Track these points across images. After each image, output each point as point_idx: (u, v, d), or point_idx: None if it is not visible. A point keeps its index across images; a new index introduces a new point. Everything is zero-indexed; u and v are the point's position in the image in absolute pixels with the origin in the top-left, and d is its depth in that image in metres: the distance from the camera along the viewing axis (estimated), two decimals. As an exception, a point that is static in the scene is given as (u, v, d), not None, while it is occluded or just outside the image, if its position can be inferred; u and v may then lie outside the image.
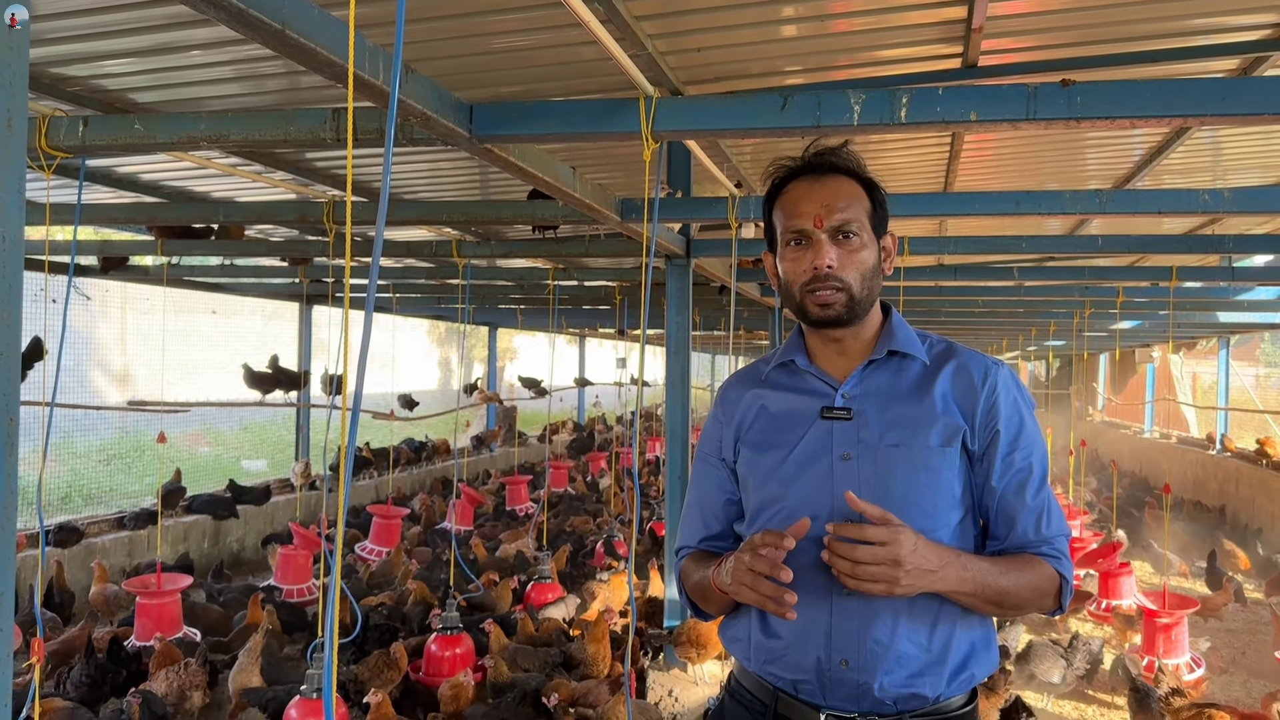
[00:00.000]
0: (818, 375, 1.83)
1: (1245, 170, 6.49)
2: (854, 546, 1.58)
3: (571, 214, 4.55)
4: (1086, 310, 9.13)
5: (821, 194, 1.74)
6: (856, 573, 1.58)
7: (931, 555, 1.61)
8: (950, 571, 1.63)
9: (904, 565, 1.56)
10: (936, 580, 1.61)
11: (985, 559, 1.71)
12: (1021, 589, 1.70)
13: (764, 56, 4.30)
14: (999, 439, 1.74)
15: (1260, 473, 11.51)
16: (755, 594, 1.61)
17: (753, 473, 1.83)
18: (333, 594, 1.44)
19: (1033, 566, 1.72)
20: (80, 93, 4.62)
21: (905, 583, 1.57)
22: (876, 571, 1.56)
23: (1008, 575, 1.69)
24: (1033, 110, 2.36)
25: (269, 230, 8.41)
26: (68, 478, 11.05)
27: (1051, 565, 1.73)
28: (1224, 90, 2.33)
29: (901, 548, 1.56)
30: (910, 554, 1.57)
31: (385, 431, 12.82)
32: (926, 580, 1.60)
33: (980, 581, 1.66)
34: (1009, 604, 1.72)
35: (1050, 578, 1.73)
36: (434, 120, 2.46)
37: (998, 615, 1.75)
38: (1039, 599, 1.74)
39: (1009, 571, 1.70)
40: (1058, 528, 1.75)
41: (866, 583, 1.58)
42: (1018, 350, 18.71)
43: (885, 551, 1.56)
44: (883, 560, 1.56)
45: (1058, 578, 1.73)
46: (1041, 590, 1.73)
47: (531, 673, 5.01)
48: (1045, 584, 1.73)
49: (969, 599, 1.67)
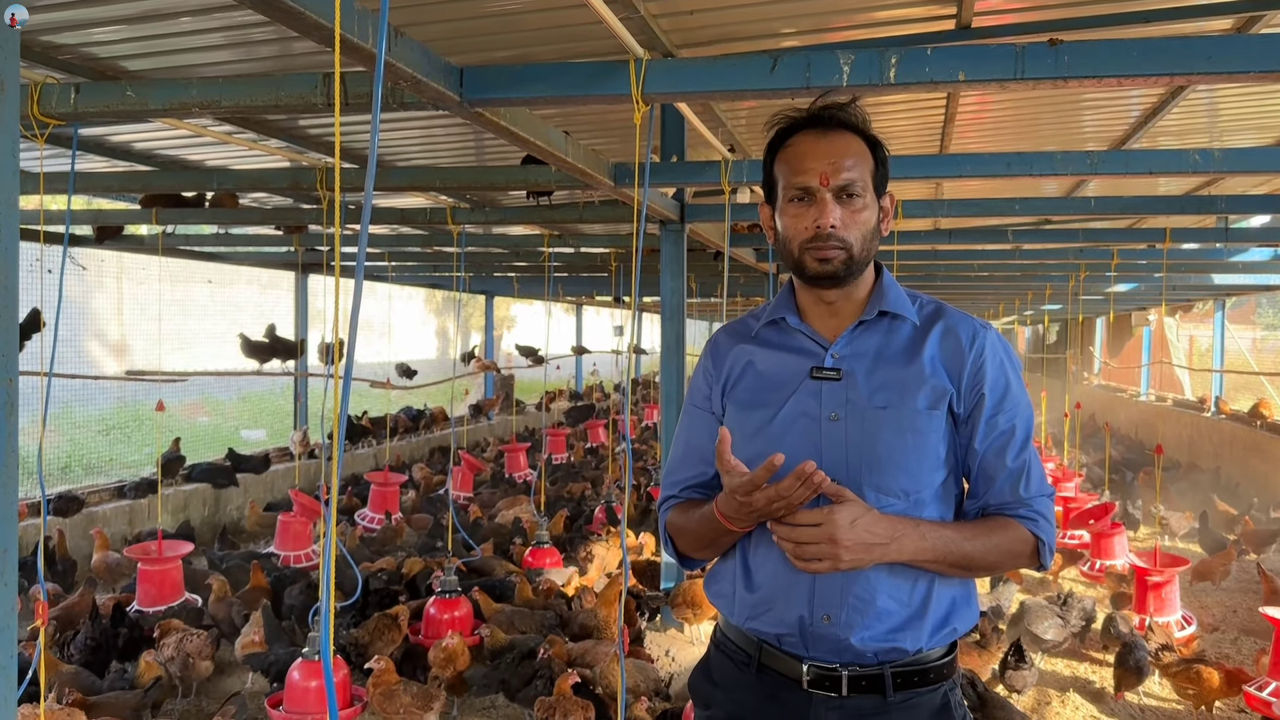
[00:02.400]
0: (808, 334, 1.83)
1: (1242, 131, 6.48)
2: (794, 529, 1.63)
3: (566, 179, 4.55)
4: (1082, 273, 9.13)
5: (829, 150, 1.73)
6: (799, 553, 1.64)
7: (878, 528, 1.64)
8: (906, 543, 1.66)
9: (841, 543, 1.61)
10: (890, 552, 1.65)
11: (950, 526, 1.74)
12: (989, 552, 1.74)
13: (759, 19, 4.28)
14: (984, 402, 1.76)
15: (1255, 434, 11.57)
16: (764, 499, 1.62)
17: (739, 429, 1.81)
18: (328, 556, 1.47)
19: (1004, 530, 1.75)
20: (71, 60, 4.61)
21: (847, 558, 1.62)
22: (816, 550, 1.62)
23: (974, 540, 1.72)
24: (1020, 70, 2.37)
25: (263, 199, 8.40)
26: (67, 448, 11.09)
27: (1027, 528, 1.76)
28: (1211, 49, 2.33)
29: (835, 528, 1.61)
30: (847, 531, 1.61)
31: (383, 400, 12.86)
32: (874, 553, 1.64)
33: (942, 550, 1.69)
34: (977, 567, 1.75)
35: (1024, 540, 1.76)
36: (424, 84, 2.46)
37: (967, 577, 1.78)
38: (1011, 560, 1.79)
39: (976, 536, 1.73)
40: (1037, 489, 1.77)
41: (811, 561, 1.63)
42: (1014, 314, 18.71)
43: (819, 531, 1.61)
44: (819, 539, 1.61)
45: (1032, 540, 1.76)
46: (1013, 553, 1.77)
47: (529, 634, 5.07)
48: (1018, 546, 1.76)
49: (933, 565, 1.71)
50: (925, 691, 1.75)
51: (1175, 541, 9.22)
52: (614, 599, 5.32)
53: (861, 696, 1.73)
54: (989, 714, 4.46)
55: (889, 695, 1.73)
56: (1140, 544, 8.61)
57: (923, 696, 1.75)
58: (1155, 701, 5.37)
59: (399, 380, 11.48)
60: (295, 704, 4.22)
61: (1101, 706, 5.36)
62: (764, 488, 1.61)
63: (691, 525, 1.86)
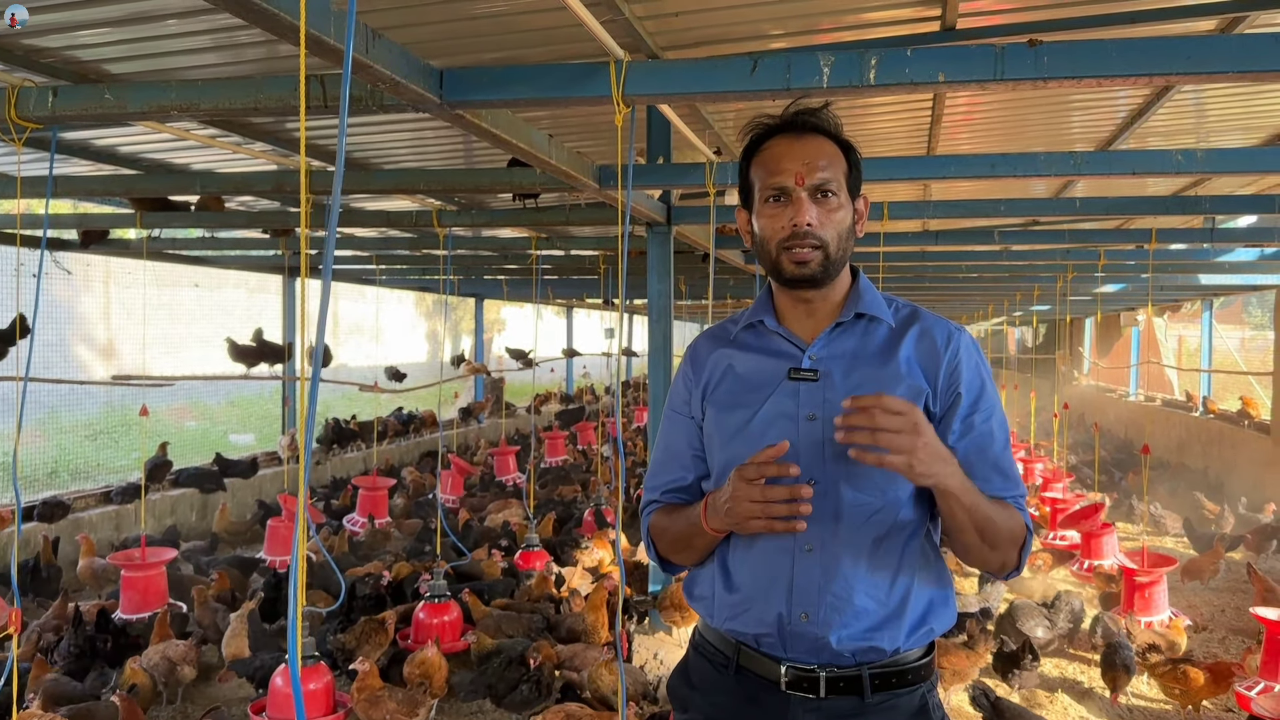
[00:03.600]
0: (786, 336, 1.85)
1: (1229, 131, 6.50)
2: (873, 413, 1.53)
3: (551, 181, 4.54)
4: (1069, 274, 9.16)
5: (803, 152, 1.75)
6: (878, 439, 1.53)
7: (943, 449, 1.61)
8: (958, 472, 1.63)
9: (923, 435, 1.54)
10: (948, 474, 1.60)
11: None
12: (1001, 524, 1.71)
13: (744, 20, 4.28)
14: (960, 401, 1.77)
15: (1242, 433, 11.61)
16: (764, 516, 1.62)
17: (719, 431, 1.85)
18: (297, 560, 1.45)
19: (1008, 509, 1.74)
20: (55, 64, 4.58)
21: (922, 456, 1.54)
22: (898, 440, 1.53)
23: (993, 507, 1.70)
24: (1000, 71, 2.37)
25: (250, 202, 8.37)
26: (54, 453, 11.02)
27: (1021, 516, 1.76)
28: (1190, 49, 2.34)
29: (919, 417, 1.56)
30: (927, 427, 1.57)
31: (373, 403, 12.84)
32: (941, 467, 1.58)
33: (976, 498, 1.66)
34: (988, 534, 1.70)
35: (1020, 525, 1.75)
36: (403, 86, 2.45)
37: (973, 546, 1.72)
38: (1009, 543, 1.74)
39: (994, 505, 1.71)
40: (1016, 489, 1.78)
41: (887, 452, 1.54)
42: (1003, 315, 18.75)
43: (905, 420, 1.53)
44: (904, 428, 1.53)
45: (1023, 529, 1.76)
46: (1014, 534, 1.74)
47: (517, 638, 5.05)
48: (1017, 529, 1.74)
49: (964, 512, 1.65)
50: (903, 693, 1.76)
51: (1166, 540, 9.25)
52: (601, 603, 5.31)
53: (839, 698, 1.73)
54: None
55: (867, 697, 1.73)
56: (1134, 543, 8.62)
57: (901, 698, 1.75)
58: (1143, 702, 5.38)
59: (387, 383, 11.44)
60: (279, 710, 4.21)
61: (1090, 706, 5.37)
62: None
63: (673, 528, 1.88)
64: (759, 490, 1.62)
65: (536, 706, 4.49)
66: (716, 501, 1.73)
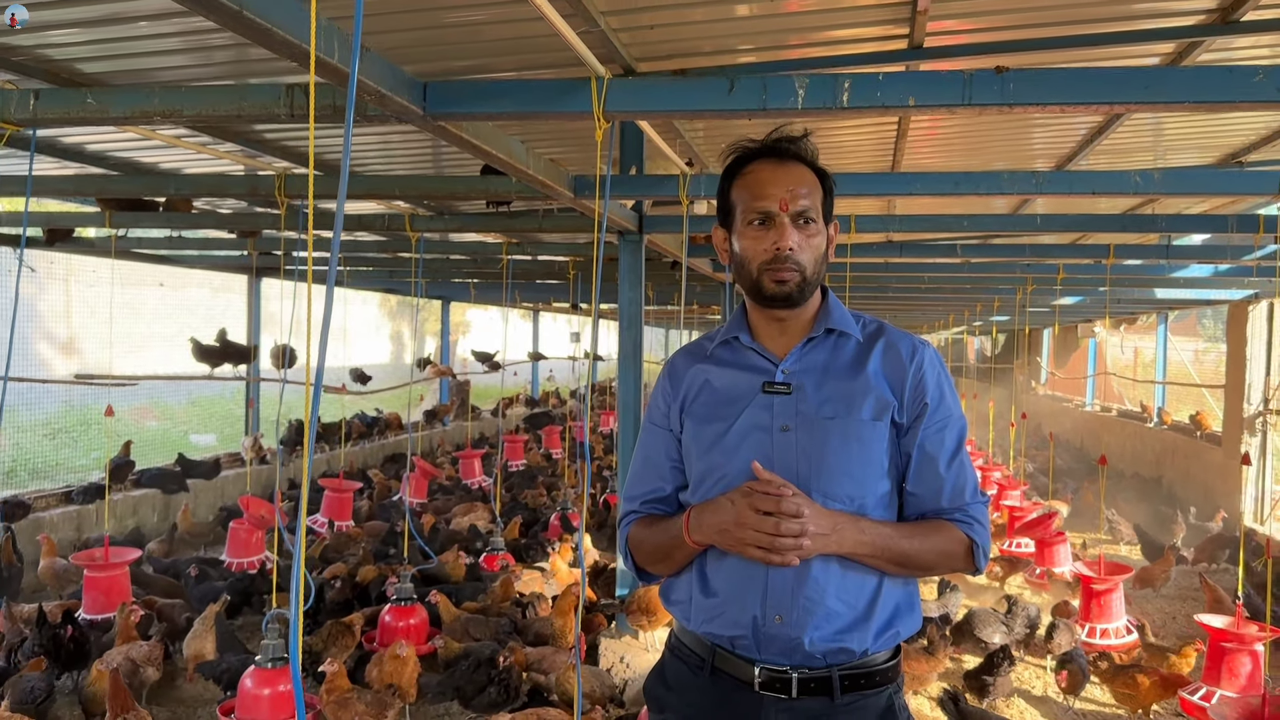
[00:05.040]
0: (760, 352, 1.93)
1: (1185, 150, 6.68)
2: (779, 521, 1.72)
3: (524, 189, 4.60)
4: (1029, 286, 9.34)
5: (786, 179, 1.84)
6: (776, 545, 1.72)
7: (823, 520, 1.75)
8: (846, 535, 1.77)
9: (809, 532, 1.72)
10: (830, 543, 1.76)
11: (889, 524, 1.84)
12: (925, 552, 1.84)
13: (716, 35, 4.36)
14: (925, 411, 1.86)
15: (1195, 444, 11.88)
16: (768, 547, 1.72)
17: (696, 443, 1.93)
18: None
19: (941, 531, 1.86)
20: (26, 62, 4.56)
21: (807, 545, 1.72)
22: (790, 543, 1.72)
23: (911, 540, 1.83)
24: (968, 96, 2.46)
25: (217, 202, 8.33)
26: (12, 452, 10.87)
27: (962, 530, 1.87)
28: (1147, 79, 2.44)
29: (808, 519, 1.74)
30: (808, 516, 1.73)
31: (337, 405, 12.77)
32: (821, 543, 1.75)
33: (879, 545, 1.80)
34: (913, 565, 1.84)
35: (960, 542, 1.86)
36: (388, 98, 2.51)
37: (904, 574, 1.87)
38: (947, 561, 1.89)
39: (913, 536, 1.84)
40: (972, 496, 1.88)
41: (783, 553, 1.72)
42: (964, 325, 19.01)
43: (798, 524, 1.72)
44: (796, 533, 1.72)
45: (967, 542, 1.87)
46: (949, 554, 1.87)
47: (484, 641, 5.09)
48: (953, 548, 1.87)
49: (871, 559, 1.81)
50: (871, 694, 1.84)
51: (1120, 548, 9.46)
52: (569, 608, 5.36)
53: (810, 699, 1.81)
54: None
55: (836, 697, 1.81)
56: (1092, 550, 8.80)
57: (868, 699, 1.84)
58: (1095, 706, 5.51)
59: (353, 385, 11.40)
60: (248, 711, 4.21)
61: (1044, 710, 5.50)
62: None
63: (652, 540, 1.95)
64: (770, 523, 1.72)
65: (504, 708, 4.53)
66: (704, 519, 1.81)
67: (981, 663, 5.29)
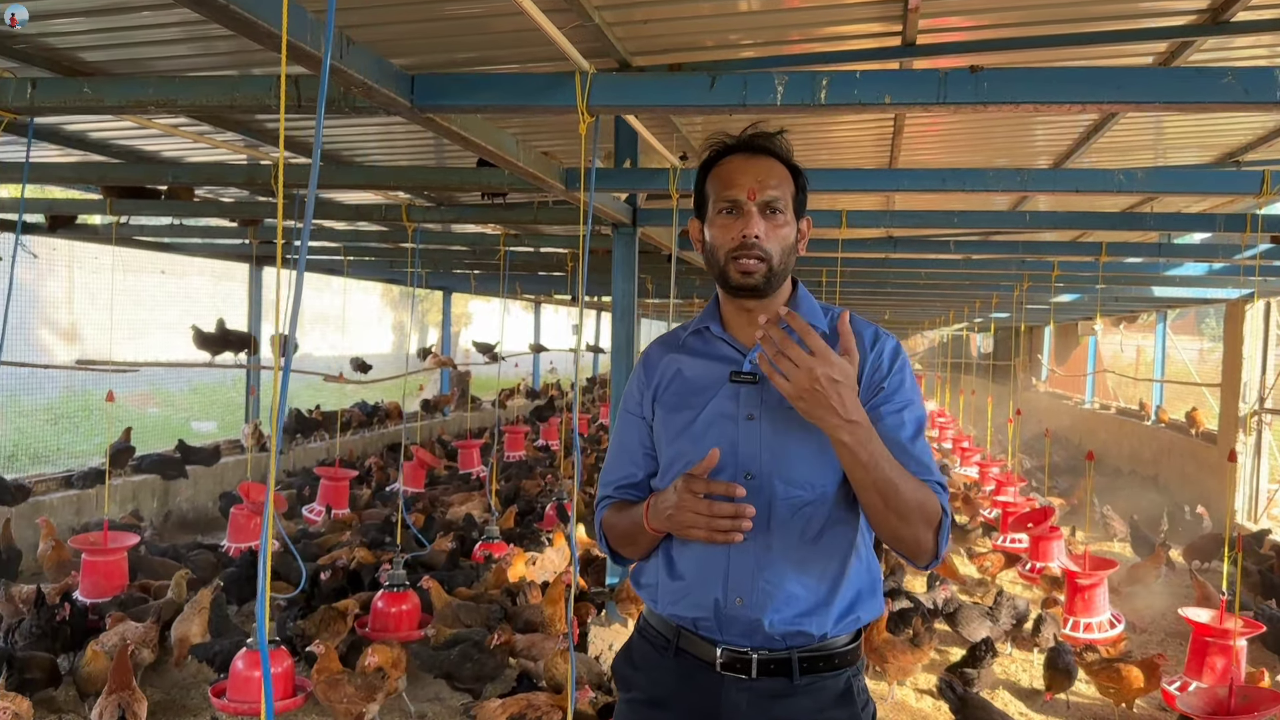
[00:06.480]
0: (729, 342, 1.98)
1: (1184, 149, 6.70)
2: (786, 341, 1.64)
3: (518, 182, 4.65)
4: (1025, 284, 9.37)
5: (756, 170, 1.89)
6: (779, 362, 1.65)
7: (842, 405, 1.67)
8: (856, 429, 1.68)
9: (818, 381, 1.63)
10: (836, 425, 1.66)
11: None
12: (906, 492, 1.74)
13: (712, 30, 4.40)
14: (882, 393, 1.89)
15: (1190, 442, 11.92)
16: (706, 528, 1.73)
17: (666, 430, 1.99)
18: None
19: (924, 487, 1.79)
20: (27, 50, 4.61)
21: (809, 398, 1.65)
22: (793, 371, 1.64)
23: (899, 473, 1.75)
24: (942, 94, 2.50)
25: (219, 190, 8.39)
26: (14, 436, 10.94)
27: (939, 498, 1.81)
28: (1121, 79, 2.48)
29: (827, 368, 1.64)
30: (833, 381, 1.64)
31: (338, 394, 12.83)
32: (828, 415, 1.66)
33: (875, 457, 1.71)
34: (891, 499, 1.74)
35: (936, 506, 1.79)
36: (375, 90, 2.55)
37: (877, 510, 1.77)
38: (922, 520, 1.77)
39: (906, 476, 1.76)
40: (930, 475, 1.85)
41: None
42: (964, 322, 19.03)
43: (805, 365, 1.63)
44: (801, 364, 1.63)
45: (939, 512, 1.80)
46: (927, 511, 1.77)
47: (475, 628, 5.15)
48: (931, 506, 1.78)
49: (861, 470, 1.71)
50: (829, 676, 1.89)
51: (1114, 545, 9.50)
52: (560, 596, 5.42)
53: (770, 679, 1.87)
54: (969, 714, 4.61)
55: (795, 679, 1.87)
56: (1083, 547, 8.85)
57: (826, 681, 1.89)
58: (1081, 699, 5.56)
59: (352, 374, 11.47)
60: (238, 693, 4.28)
61: (1030, 704, 5.55)
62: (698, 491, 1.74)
63: (621, 525, 2.01)
64: (704, 505, 1.74)
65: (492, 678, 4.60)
66: (659, 505, 1.84)
67: (964, 655, 5.35)
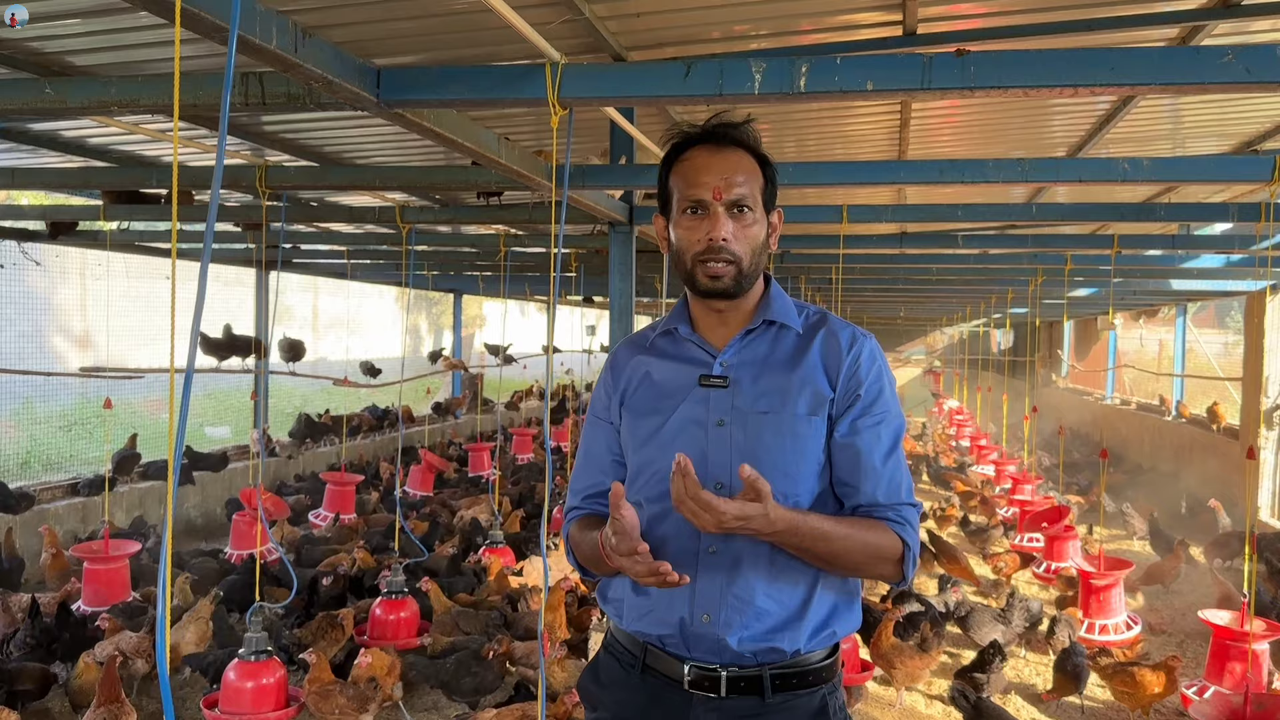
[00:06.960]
0: (698, 344, 1.88)
1: (1204, 137, 6.54)
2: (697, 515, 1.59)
3: (508, 181, 4.55)
4: (1039, 278, 9.20)
5: (721, 166, 1.77)
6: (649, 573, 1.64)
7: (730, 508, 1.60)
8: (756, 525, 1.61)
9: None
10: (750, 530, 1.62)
11: (818, 515, 1.71)
12: (853, 549, 1.71)
13: (707, 22, 4.31)
14: (858, 402, 1.79)
15: (1212, 437, 11.70)
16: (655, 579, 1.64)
17: (633, 436, 1.88)
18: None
19: (873, 529, 1.74)
20: (14, 55, 4.56)
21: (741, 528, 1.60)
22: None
23: (838, 527, 1.70)
24: (927, 80, 2.39)
25: (223, 194, 8.33)
26: (27, 444, 10.97)
27: (895, 531, 1.75)
28: (1113, 61, 2.36)
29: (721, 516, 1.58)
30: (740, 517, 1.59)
31: (350, 398, 12.81)
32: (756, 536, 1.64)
33: (813, 539, 1.66)
34: (839, 558, 1.72)
35: (892, 544, 1.74)
36: (337, 84, 2.46)
37: (831, 569, 1.76)
38: (876, 563, 1.75)
39: (840, 524, 1.71)
40: (908, 495, 1.79)
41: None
42: (981, 317, 18.81)
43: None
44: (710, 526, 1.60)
45: (900, 546, 1.75)
46: (880, 555, 1.74)
47: (473, 635, 5.07)
48: (885, 549, 1.74)
49: (800, 552, 1.70)
50: (803, 694, 1.79)
51: (1134, 543, 9.33)
52: (559, 603, 5.33)
53: (740, 698, 1.76)
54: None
55: (767, 697, 1.76)
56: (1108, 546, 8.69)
57: (800, 699, 1.78)
58: (1096, 704, 5.42)
59: (361, 378, 11.43)
60: (231, 704, 4.22)
61: (1043, 708, 5.41)
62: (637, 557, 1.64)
63: (584, 545, 1.90)
64: (644, 566, 1.63)
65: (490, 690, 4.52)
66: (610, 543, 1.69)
67: (974, 659, 5.21)
